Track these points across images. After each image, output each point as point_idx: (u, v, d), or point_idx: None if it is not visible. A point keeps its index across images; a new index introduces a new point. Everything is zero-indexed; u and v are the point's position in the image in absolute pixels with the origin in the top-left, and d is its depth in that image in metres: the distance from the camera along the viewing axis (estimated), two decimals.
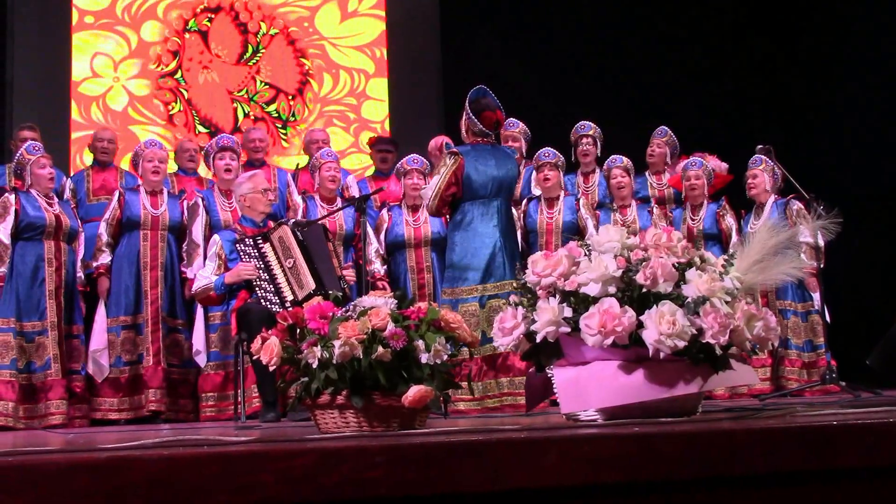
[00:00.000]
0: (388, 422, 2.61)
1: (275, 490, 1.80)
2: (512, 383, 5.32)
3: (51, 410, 6.01)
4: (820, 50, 9.42)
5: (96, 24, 9.45)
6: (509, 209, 5.70)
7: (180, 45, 9.67)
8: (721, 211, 7.08)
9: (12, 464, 1.80)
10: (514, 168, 5.71)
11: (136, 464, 1.81)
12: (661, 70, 9.69)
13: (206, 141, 7.85)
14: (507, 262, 5.45)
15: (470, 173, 5.50)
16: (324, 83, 10.02)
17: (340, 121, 9.99)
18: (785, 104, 9.51)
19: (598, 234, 2.91)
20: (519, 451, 1.94)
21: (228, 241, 5.41)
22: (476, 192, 5.51)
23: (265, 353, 2.65)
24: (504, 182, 5.58)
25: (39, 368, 6.04)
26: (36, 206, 6.15)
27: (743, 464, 2.02)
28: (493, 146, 5.67)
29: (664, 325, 2.64)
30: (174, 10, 9.68)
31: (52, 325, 6.10)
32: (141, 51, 9.55)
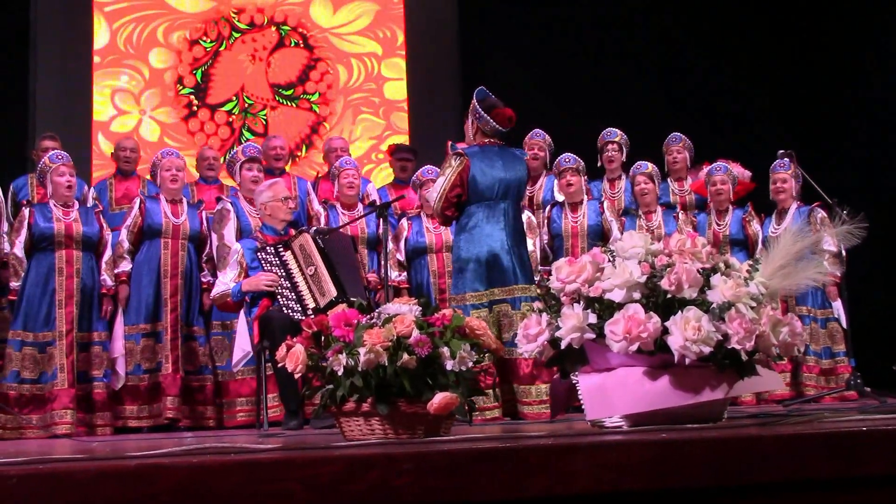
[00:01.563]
0: (414, 429, 2.61)
1: (302, 497, 1.80)
2: (521, 392, 5.29)
3: (56, 420, 6.02)
4: (837, 54, 9.38)
5: (105, 61, 9.48)
6: (518, 212, 5.60)
7: (195, 63, 9.73)
8: (747, 217, 7.04)
9: (42, 471, 1.81)
10: (523, 170, 5.59)
11: (164, 471, 1.82)
12: (677, 77, 9.67)
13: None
14: (516, 265, 5.40)
15: (475, 175, 5.41)
16: (339, 74, 10.07)
17: (366, 106, 10.04)
18: (800, 110, 9.47)
19: (622, 239, 2.91)
20: (546, 457, 1.94)
21: (249, 250, 5.43)
22: (482, 194, 5.42)
23: (290, 361, 2.66)
24: (512, 184, 5.48)
25: (48, 379, 6.08)
26: (48, 216, 6.18)
27: (771, 470, 2.01)
28: (502, 147, 5.56)
29: (689, 331, 2.63)
30: (175, 33, 9.70)
31: (60, 335, 6.12)
32: (156, 79, 9.60)
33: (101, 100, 9.39)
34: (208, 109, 9.71)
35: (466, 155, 5.43)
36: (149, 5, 9.66)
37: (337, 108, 10.00)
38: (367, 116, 10.02)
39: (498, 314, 5.30)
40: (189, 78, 9.69)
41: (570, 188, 6.95)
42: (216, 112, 9.72)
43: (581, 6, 9.72)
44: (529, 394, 5.27)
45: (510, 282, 5.35)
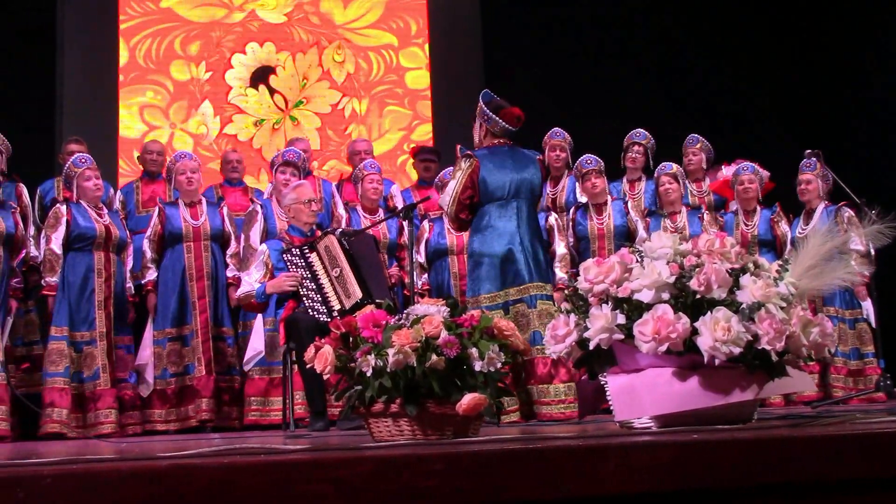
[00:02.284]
0: (442, 430, 2.61)
1: (334, 498, 1.80)
2: (538, 392, 5.27)
3: (100, 420, 6.07)
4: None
5: (128, 79, 9.54)
6: (531, 211, 5.56)
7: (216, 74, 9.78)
8: (776, 217, 7.00)
9: (75, 471, 1.82)
10: (535, 170, 5.56)
11: (195, 472, 1.82)
12: (696, 78, 9.65)
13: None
14: (531, 262, 5.38)
15: (485, 176, 5.43)
16: (359, 69, 10.11)
17: (392, 98, 10.08)
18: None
19: (650, 240, 2.90)
20: (576, 458, 1.93)
21: (276, 251, 5.45)
22: (493, 194, 5.43)
23: (319, 362, 2.66)
24: (523, 183, 5.47)
25: (89, 378, 6.11)
26: (86, 216, 6.23)
27: (803, 471, 2.00)
28: (512, 147, 5.56)
29: (719, 332, 2.62)
30: (192, 45, 9.74)
31: (100, 335, 6.17)
32: (181, 91, 9.65)
33: (128, 115, 9.43)
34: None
35: (476, 157, 5.45)
36: (161, 19, 9.70)
37: (359, 106, 10.02)
38: (394, 108, 10.07)
39: (515, 315, 5.29)
40: (215, 87, 9.74)
41: (595, 189, 6.95)
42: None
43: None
44: (548, 393, 5.25)
45: (525, 280, 5.35)
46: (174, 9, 9.73)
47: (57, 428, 5.94)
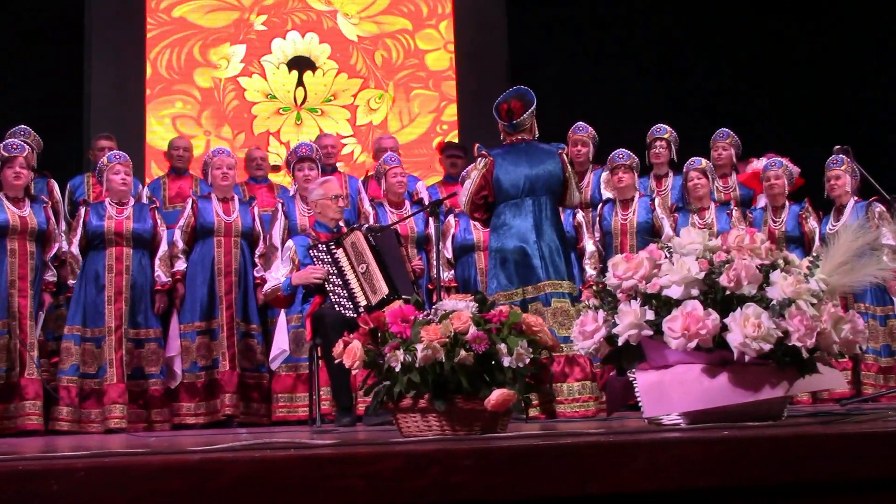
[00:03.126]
0: (471, 425, 2.60)
1: (364, 492, 1.81)
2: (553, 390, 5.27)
3: (106, 415, 6.12)
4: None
5: (155, 93, 9.58)
6: (549, 207, 5.52)
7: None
8: (804, 213, 6.95)
9: (108, 465, 1.83)
10: (553, 164, 5.52)
11: (227, 466, 1.83)
12: (725, 73, 9.61)
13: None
14: (546, 260, 5.36)
15: (499, 175, 5.44)
16: (374, 57, 10.14)
17: (416, 82, 10.11)
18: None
19: (677, 236, 2.88)
20: (607, 454, 1.92)
21: (302, 247, 5.47)
22: (507, 192, 5.44)
23: (348, 357, 2.67)
24: (539, 180, 5.44)
25: (99, 373, 6.17)
26: (101, 215, 6.30)
27: (836, 469, 1.98)
28: (530, 143, 5.54)
29: (749, 328, 2.60)
30: (210, 51, 9.78)
31: (109, 330, 6.22)
32: (208, 99, 9.69)
33: (160, 127, 9.49)
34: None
35: (491, 155, 5.47)
36: (175, 28, 9.74)
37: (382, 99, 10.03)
38: (420, 91, 10.11)
39: (533, 313, 5.27)
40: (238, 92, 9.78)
41: (621, 183, 6.93)
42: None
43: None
44: (561, 392, 5.25)
45: (540, 278, 5.34)
46: (187, 17, 9.76)
47: (66, 426, 6.02)
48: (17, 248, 6.04)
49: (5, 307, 5.95)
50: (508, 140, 5.57)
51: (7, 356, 5.92)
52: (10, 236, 6.02)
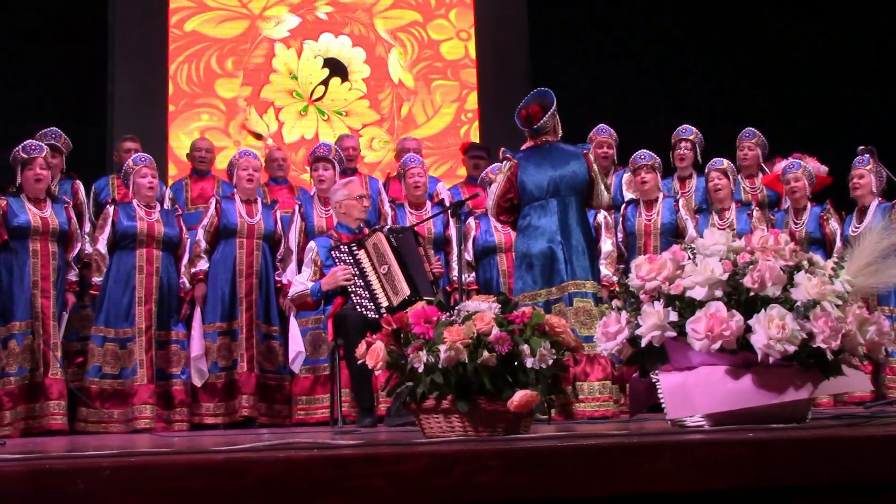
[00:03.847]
0: (494, 426, 2.60)
1: (388, 493, 1.81)
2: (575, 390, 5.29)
3: (136, 415, 6.15)
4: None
5: (179, 107, 9.60)
6: (574, 207, 5.54)
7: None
8: (825, 215, 6.90)
9: (133, 464, 1.85)
10: (578, 164, 5.54)
11: (251, 466, 1.84)
12: (750, 71, 9.56)
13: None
14: (569, 260, 5.37)
15: (523, 178, 5.50)
16: (390, 52, 10.14)
17: (435, 73, 10.15)
18: (877, 105, 9.28)
19: (701, 237, 2.87)
20: (632, 456, 1.92)
21: (324, 248, 5.48)
22: (531, 194, 5.50)
23: (371, 358, 2.67)
24: (563, 181, 5.48)
25: (129, 374, 6.20)
26: (131, 215, 6.32)
27: (862, 472, 1.97)
28: (554, 145, 5.57)
29: (773, 330, 2.59)
30: (228, 60, 9.79)
31: (139, 331, 6.25)
32: (233, 109, 9.72)
33: (189, 139, 9.48)
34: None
35: (515, 159, 5.53)
36: (191, 42, 9.74)
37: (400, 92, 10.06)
38: (440, 82, 10.13)
39: (556, 314, 5.28)
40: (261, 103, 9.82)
41: (645, 185, 6.90)
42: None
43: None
44: (581, 390, 5.26)
45: (563, 279, 5.37)
46: (199, 30, 9.77)
47: (91, 426, 6.07)
48: (40, 249, 6.08)
49: (29, 308, 5.99)
50: (534, 142, 5.59)
51: (31, 356, 5.96)
52: (33, 237, 6.06)
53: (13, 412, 5.87)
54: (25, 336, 5.96)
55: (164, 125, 9.40)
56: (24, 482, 1.76)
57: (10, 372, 5.91)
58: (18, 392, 5.90)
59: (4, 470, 1.78)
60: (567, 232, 5.41)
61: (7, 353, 5.92)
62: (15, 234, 6.03)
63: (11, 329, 5.97)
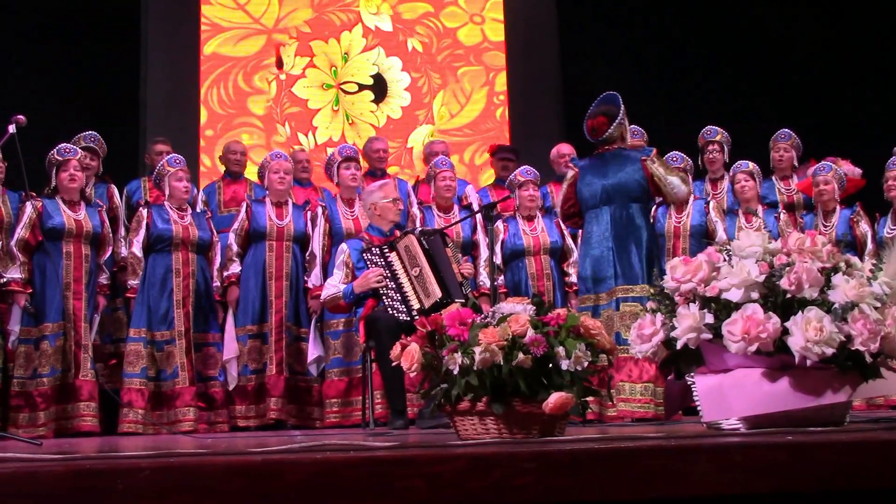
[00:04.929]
0: (529, 429, 2.60)
1: (426, 494, 1.81)
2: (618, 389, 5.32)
3: (179, 418, 6.17)
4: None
5: (218, 131, 9.59)
6: (630, 213, 5.56)
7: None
8: (855, 217, 6.82)
9: (172, 465, 1.86)
10: (633, 169, 5.56)
11: (289, 467, 1.84)
12: (786, 73, 9.49)
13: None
14: (619, 267, 5.42)
15: (581, 187, 5.65)
16: (409, 47, 10.13)
17: (458, 61, 10.14)
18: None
19: (730, 239, 2.86)
20: (669, 458, 1.91)
21: (356, 250, 5.48)
22: (587, 202, 5.64)
23: (405, 360, 2.67)
24: (616, 188, 5.53)
25: (169, 377, 6.23)
26: (166, 218, 6.35)
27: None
28: (616, 152, 5.61)
29: (811, 332, 2.57)
30: (256, 76, 9.80)
31: (179, 334, 6.27)
32: (269, 125, 9.73)
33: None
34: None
35: (578, 167, 5.71)
36: (214, 65, 9.73)
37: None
38: (466, 69, 10.13)
39: (606, 319, 5.30)
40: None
41: None
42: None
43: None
44: (623, 390, 5.33)
45: (612, 285, 5.44)
46: (219, 52, 9.75)
47: (133, 427, 6.08)
48: (73, 251, 6.14)
49: (61, 310, 6.05)
50: (601, 149, 5.70)
51: (63, 358, 6.02)
52: (66, 239, 6.12)
53: (46, 413, 5.93)
54: (58, 337, 6.01)
55: (195, 127, 9.44)
56: (64, 482, 1.78)
57: (43, 373, 5.97)
58: (51, 393, 5.96)
59: (45, 469, 1.80)
60: (619, 238, 5.49)
61: (40, 354, 5.98)
62: (49, 236, 6.09)
63: (44, 330, 6.02)
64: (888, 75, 9.17)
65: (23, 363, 5.95)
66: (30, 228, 6.05)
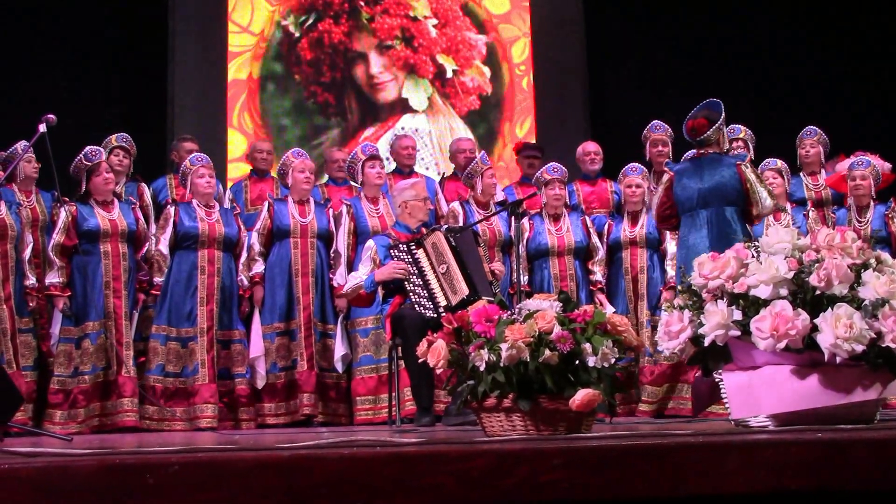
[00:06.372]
0: (555, 425, 2.60)
1: (454, 490, 1.81)
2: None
3: (198, 414, 6.21)
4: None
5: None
6: (727, 217, 5.62)
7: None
8: (890, 213, 6.76)
9: (201, 460, 1.87)
10: (728, 173, 5.63)
11: (318, 463, 1.85)
12: (812, 68, 9.42)
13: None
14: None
15: (676, 191, 5.72)
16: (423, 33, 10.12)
17: (467, 49, 10.12)
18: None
19: (767, 234, 2.84)
20: (698, 455, 1.90)
21: (383, 247, 5.49)
22: (683, 206, 5.70)
23: (432, 356, 2.68)
24: (712, 192, 5.59)
25: (190, 373, 6.28)
26: (192, 216, 6.39)
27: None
28: (710, 157, 5.68)
29: (840, 329, 2.55)
30: (286, 98, 9.82)
31: (201, 331, 6.31)
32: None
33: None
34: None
35: (673, 171, 5.81)
36: (237, 92, 9.70)
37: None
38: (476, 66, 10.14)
39: None
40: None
41: None
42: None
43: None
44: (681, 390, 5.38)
45: None
46: (237, 77, 9.76)
47: (153, 424, 6.15)
48: (111, 250, 6.21)
49: (101, 308, 6.13)
50: (698, 153, 5.77)
51: (104, 355, 6.11)
52: (103, 239, 6.18)
53: (87, 409, 6.02)
54: (99, 335, 6.10)
55: (223, 126, 9.47)
56: (95, 476, 1.79)
57: (85, 371, 6.05)
58: (92, 390, 6.05)
59: (76, 464, 1.81)
60: (716, 242, 5.50)
61: (81, 353, 6.06)
62: (86, 238, 6.17)
63: (85, 329, 6.11)
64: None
65: (63, 361, 6.03)
66: (65, 233, 6.14)
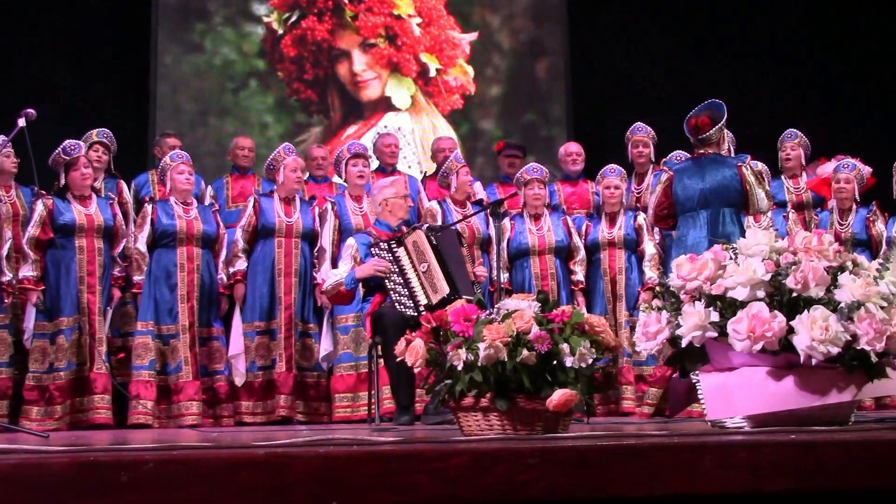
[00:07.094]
0: (532, 425, 2.60)
1: (429, 489, 1.81)
2: None
3: (182, 412, 6.19)
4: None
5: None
6: (726, 218, 5.65)
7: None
8: (871, 216, 6.80)
9: (176, 457, 1.86)
10: (729, 174, 5.63)
11: (293, 461, 1.84)
12: (791, 72, 9.48)
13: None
14: None
15: (676, 190, 5.70)
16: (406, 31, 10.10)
17: (450, 48, 10.11)
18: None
19: (745, 237, 2.85)
20: (674, 456, 1.91)
21: (364, 245, 5.48)
22: (683, 205, 5.69)
23: (410, 355, 2.68)
24: (713, 192, 5.59)
25: (173, 371, 6.24)
26: (170, 213, 6.36)
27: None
28: (710, 157, 5.68)
29: (816, 331, 2.57)
30: (268, 94, 9.81)
31: (183, 328, 6.28)
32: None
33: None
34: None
35: (672, 170, 5.79)
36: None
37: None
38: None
39: None
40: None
41: None
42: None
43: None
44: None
45: None
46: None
47: (143, 419, 6.08)
48: (86, 245, 6.17)
49: (76, 304, 6.09)
50: (696, 153, 5.76)
51: (78, 352, 6.07)
52: (78, 234, 6.14)
53: (63, 406, 5.98)
54: (73, 331, 6.06)
55: (206, 122, 9.44)
56: (70, 474, 1.78)
57: (60, 367, 6.01)
58: (67, 386, 6.01)
59: (51, 462, 1.80)
60: (715, 243, 5.49)
61: (56, 349, 6.02)
62: (61, 232, 6.12)
63: (59, 325, 6.07)
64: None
65: (38, 357, 5.99)
66: (40, 226, 6.09)
